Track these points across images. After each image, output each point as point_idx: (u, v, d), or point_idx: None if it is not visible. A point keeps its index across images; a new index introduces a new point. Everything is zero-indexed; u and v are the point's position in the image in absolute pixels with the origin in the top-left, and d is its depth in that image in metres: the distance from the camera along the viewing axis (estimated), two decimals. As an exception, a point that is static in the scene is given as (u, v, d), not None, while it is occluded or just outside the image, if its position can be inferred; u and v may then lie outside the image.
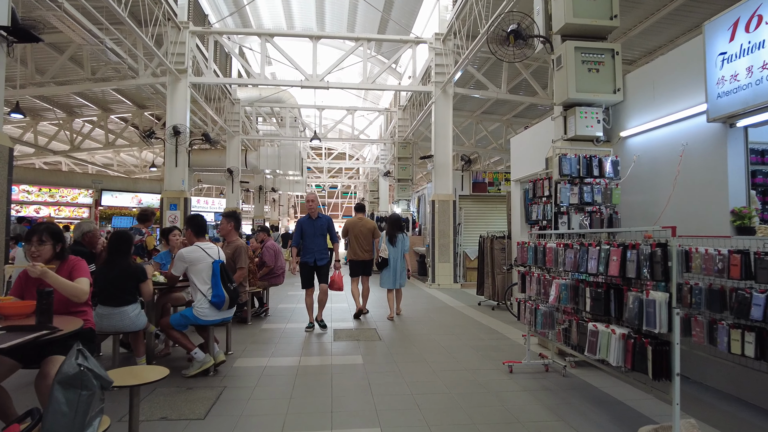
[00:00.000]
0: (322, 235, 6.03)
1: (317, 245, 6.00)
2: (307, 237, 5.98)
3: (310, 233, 5.97)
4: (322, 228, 6.03)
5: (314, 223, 6.01)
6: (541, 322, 3.93)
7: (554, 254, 3.77)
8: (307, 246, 5.98)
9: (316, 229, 5.99)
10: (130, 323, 3.75)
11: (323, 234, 6.03)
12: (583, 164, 4.52)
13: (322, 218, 6.11)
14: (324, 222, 6.08)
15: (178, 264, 4.07)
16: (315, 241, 5.97)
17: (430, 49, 11.83)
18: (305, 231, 6.00)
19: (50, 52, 11.17)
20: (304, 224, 6.03)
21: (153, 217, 6.77)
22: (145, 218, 6.50)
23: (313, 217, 6.04)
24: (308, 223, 6.03)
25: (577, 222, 4.46)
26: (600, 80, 5.12)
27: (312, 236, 5.97)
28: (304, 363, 4.61)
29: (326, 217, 6.17)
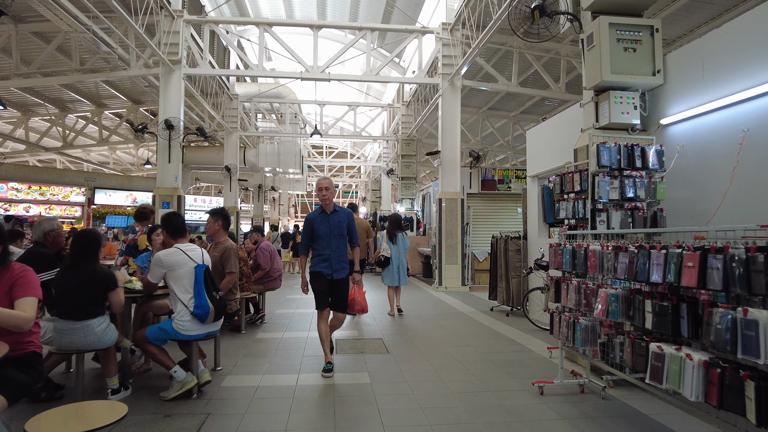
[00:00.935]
0: (341, 236, 4.36)
1: (335, 249, 4.32)
2: (320, 239, 4.32)
3: (323, 233, 4.32)
4: (340, 226, 4.35)
5: (329, 219, 4.34)
6: (581, 338, 3.34)
7: (599, 258, 3.18)
8: (321, 251, 4.32)
9: (333, 227, 4.33)
10: (95, 340, 3.17)
11: (341, 233, 4.37)
12: (624, 154, 3.94)
13: (341, 213, 4.42)
14: (343, 218, 4.39)
15: (155, 269, 3.48)
16: (331, 244, 4.32)
17: (437, 39, 11.23)
18: (317, 230, 4.34)
19: (36, 41, 10.59)
20: (316, 221, 4.35)
21: (152, 215, 6.17)
22: (143, 216, 5.91)
23: (327, 210, 4.38)
24: (321, 220, 4.36)
25: (617, 220, 3.88)
26: (637, 61, 4.53)
27: (327, 237, 4.31)
28: (302, 382, 4.02)
29: (346, 211, 4.47)
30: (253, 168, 19.43)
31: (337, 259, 4.32)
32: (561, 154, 6.37)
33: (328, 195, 4.34)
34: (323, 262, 4.30)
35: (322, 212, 4.41)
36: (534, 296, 6.51)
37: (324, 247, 4.32)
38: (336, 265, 4.30)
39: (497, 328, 6.37)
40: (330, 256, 4.30)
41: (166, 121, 10.18)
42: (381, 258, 7.34)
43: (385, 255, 7.28)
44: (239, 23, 13.68)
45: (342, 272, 4.34)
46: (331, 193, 4.38)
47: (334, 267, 4.29)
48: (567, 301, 3.56)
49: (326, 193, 4.34)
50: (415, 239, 14.73)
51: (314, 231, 4.35)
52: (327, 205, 4.39)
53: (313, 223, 4.37)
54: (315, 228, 4.35)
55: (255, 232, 7.33)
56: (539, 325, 6.34)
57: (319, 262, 4.33)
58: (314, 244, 4.37)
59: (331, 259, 4.29)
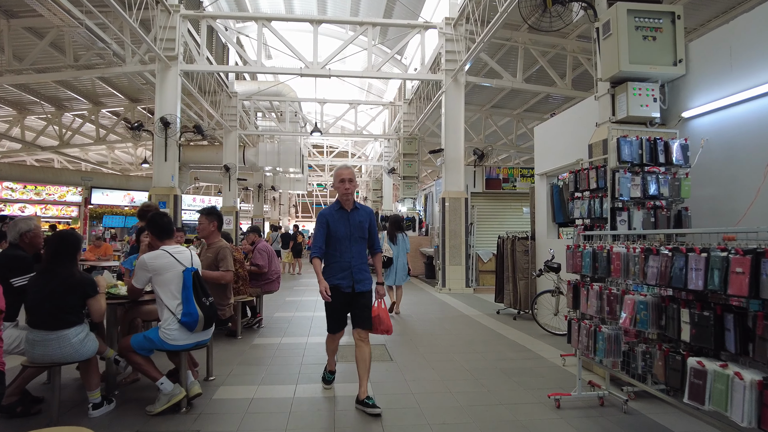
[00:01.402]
0: (362, 239, 3.56)
1: (355, 256, 3.51)
2: (337, 242, 3.49)
3: (342, 235, 3.48)
4: (361, 227, 3.54)
5: (349, 219, 3.52)
6: (603, 348, 3.06)
7: (624, 262, 2.90)
8: (338, 257, 3.49)
9: (353, 228, 3.51)
10: (71, 352, 2.90)
11: (363, 236, 3.57)
12: (646, 149, 3.65)
13: (362, 211, 3.61)
14: (364, 217, 3.59)
15: (140, 273, 3.21)
16: (351, 249, 3.50)
17: (440, 34, 10.95)
18: (334, 231, 3.48)
19: (29, 37, 10.33)
20: (332, 220, 3.50)
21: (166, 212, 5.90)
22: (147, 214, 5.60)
23: (347, 207, 3.55)
24: (339, 218, 3.51)
25: (639, 220, 3.60)
26: (657, 50, 4.25)
27: (346, 240, 3.48)
28: (300, 394, 3.75)
29: (367, 210, 3.67)
30: (252, 167, 19.17)
31: (359, 267, 3.51)
32: (572, 151, 6.09)
33: (351, 188, 3.49)
34: (341, 271, 3.46)
35: (340, 209, 3.54)
36: (543, 299, 6.23)
37: (342, 253, 3.47)
38: (358, 275, 3.48)
39: (505, 333, 6.10)
40: (350, 263, 3.47)
41: (162, 119, 9.92)
42: (384, 259, 7.24)
43: (387, 255, 7.22)
44: (237, 18, 13.42)
45: (365, 283, 3.52)
46: (354, 186, 3.58)
47: (355, 277, 3.47)
48: (587, 307, 3.27)
49: (350, 186, 3.49)
50: (417, 239, 14.46)
51: (330, 232, 3.49)
52: (348, 201, 3.53)
53: (330, 221, 3.49)
54: (332, 228, 3.49)
55: (252, 233, 7.05)
56: (549, 329, 6.06)
57: (336, 272, 3.46)
58: (329, 249, 3.50)
59: (351, 267, 3.47)
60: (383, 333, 3.63)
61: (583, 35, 10.96)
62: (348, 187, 3.50)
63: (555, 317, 6.04)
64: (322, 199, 41.89)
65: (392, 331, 3.71)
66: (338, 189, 3.55)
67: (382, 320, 3.62)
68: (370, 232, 3.63)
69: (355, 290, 3.48)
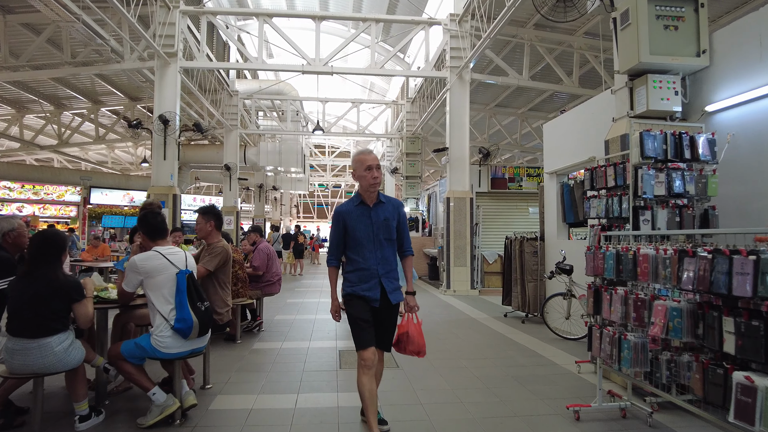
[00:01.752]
0: (389, 240, 2.91)
1: (382, 261, 2.87)
2: (358, 244, 2.86)
3: (363, 235, 2.86)
4: (387, 225, 2.89)
5: (372, 215, 2.88)
6: (629, 357, 2.83)
7: (652, 264, 2.68)
8: (361, 263, 2.85)
9: (377, 228, 2.87)
10: (54, 361, 2.68)
11: (390, 237, 2.91)
12: (671, 143, 3.42)
13: (388, 205, 2.95)
14: (391, 213, 2.93)
15: (130, 276, 2.99)
16: (377, 253, 2.86)
17: (445, 31, 10.73)
18: (354, 231, 2.87)
19: (26, 33, 10.13)
20: (350, 218, 2.88)
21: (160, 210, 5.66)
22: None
23: (369, 201, 2.90)
24: (359, 216, 2.89)
25: (663, 219, 3.37)
26: (679, 40, 4.03)
27: (369, 241, 2.86)
28: (302, 404, 3.53)
29: (394, 202, 3.01)
30: (253, 167, 18.98)
31: (388, 274, 2.86)
32: (584, 149, 5.87)
33: (380, 177, 2.85)
34: (366, 280, 2.82)
35: (360, 204, 2.89)
36: (555, 302, 6.00)
37: (367, 258, 2.83)
38: (389, 284, 2.85)
39: (515, 337, 5.87)
40: (375, 271, 2.82)
41: (160, 116, 9.72)
42: None
43: None
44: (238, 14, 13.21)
45: (398, 294, 2.91)
46: (381, 176, 2.89)
47: (387, 286, 2.84)
48: (610, 313, 3.05)
49: (378, 174, 2.84)
50: (420, 240, 14.24)
51: (349, 232, 2.86)
52: (372, 194, 2.87)
53: (347, 220, 2.86)
54: (351, 228, 2.85)
55: (253, 233, 6.83)
56: (560, 333, 5.83)
57: (360, 281, 2.83)
58: (350, 252, 2.89)
59: (379, 275, 2.82)
60: (413, 354, 2.92)
61: (591, 32, 10.74)
62: (377, 175, 2.82)
63: (566, 321, 5.82)
64: (323, 200, 41.69)
65: (425, 352, 2.97)
66: (363, 179, 2.84)
67: (411, 339, 2.87)
68: (399, 231, 2.95)
69: (390, 301, 2.85)
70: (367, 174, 2.85)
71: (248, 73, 17.93)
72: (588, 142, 5.79)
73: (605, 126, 4.97)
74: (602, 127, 5.17)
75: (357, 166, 2.90)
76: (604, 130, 5.03)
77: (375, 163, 2.87)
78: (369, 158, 2.89)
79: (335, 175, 32.74)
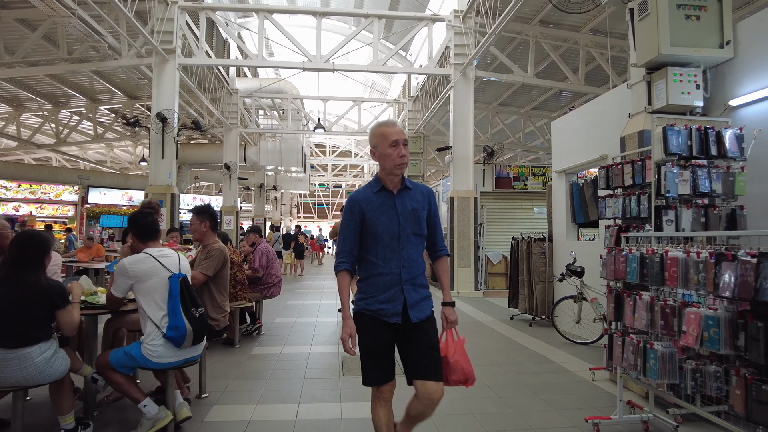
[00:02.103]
0: (417, 235, 2.27)
1: (408, 263, 2.23)
2: (377, 242, 2.23)
3: (385, 231, 2.22)
4: (415, 217, 2.26)
5: (397, 204, 2.25)
6: (656, 368, 2.63)
7: (682, 268, 2.48)
8: (379, 267, 2.22)
9: (404, 220, 2.23)
10: (34, 373, 2.48)
11: (419, 232, 2.27)
12: (696, 139, 3.22)
13: (415, 192, 2.31)
14: (421, 201, 2.30)
15: (119, 280, 2.79)
16: (401, 254, 2.22)
17: (449, 27, 10.53)
18: (372, 226, 2.23)
19: (21, 29, 9.94)
20: (369, 208, 2.24)
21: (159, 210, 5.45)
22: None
23: (392, 186, 2.26)
24: (380, 205, 2.25)
25: (688, 219, 3.17)
26: (701, 31, 3.83)
27: (392, 239, 2.22)
28: (303, 415, 3.32)
29: (424, 190, 2.36)
30: (253, 166, 18.78)
31: (413, 281, 2.20)
32: (594, 146, 5.68)
33: (408, 156, 2.20)
34: (386, 289, 2.16)
35: (381, 190, 2.24)
36: (565, 306, 5.79)
37: (387, 260, 2.18)
38: (413, 294, 2.19)
39: (523, 342, 5.66)
40: (399, 276, 2.17)
41: (158, 114, 9.52)
42: None
43: None
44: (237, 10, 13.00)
45: (424, 306, 2.22)
46: (408, 155, 2.22)
47: (409, 298, 2.17)
48: (633, 320, 2.84)
49: (405, 152, 2.19)
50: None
51: (367, 227, 2.20)
52: (396, 178, 2.22)
53: (365, 210, 2.20)
54: (369, 221, 2.19)
55: (252, 233, 6.62)
56: (570, 338, 5.62)
57: (378, 291, 2.17)
58: (365, 254, 2.23)
59: (401, 282, 2.17)
60: (459, 384, 2.25)
61: (597, 29, 10.55)
62: (404, 153, 2.17)
63: (577, 325, 5.61)
64: (324, 200, 41.49)
65: (475, 380, 2.30)
66: (387, 158, 2.17)
67: (455, 365, 2.21)
68: (431, 225, 2.32)
69: (411, 319, 2.16)
70: (392, 151, 2.16)
71: (248, 71, 17.73)
72: (599, 140, 5.60)
73: (618, 122, 4.79)
74: (615, 123, 4.98)
75: (379, 141, 2.21)
76: (616, 126, 4.84)
77: (402, 138, 2.18)
78: (394, 131, 2.19)
79: (336, 175, 32.53)
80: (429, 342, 2.19)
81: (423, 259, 2.31)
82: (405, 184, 2.28)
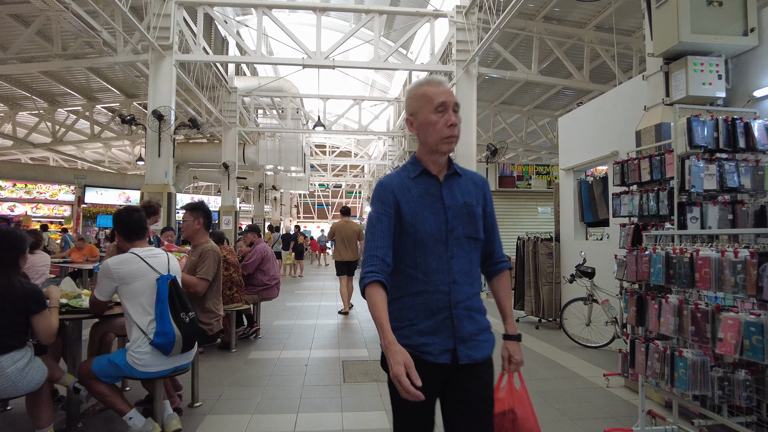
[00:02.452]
0: (472, 239, 1.56)
1: (459, 278, 1.52)
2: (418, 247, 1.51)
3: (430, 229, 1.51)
4: (469, 213, 1.55)
5: (444, 193, 1.56)
6: (686, 378, 2.41)
7: (715, 269, 2.27)
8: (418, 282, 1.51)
9: (456, 217, 1.53)
10: (6, 385, 2.26)
11: (474, 234, 1.56)
12: (723, 131, 3.01)
13: (466, 179, 1.62)
14: (474, 193, 1.61)
15: (103, 282, 2.57)
16: (451, 264, 1.51)
17: (451, 23, 10.31)
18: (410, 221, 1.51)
19: (14, 24, 9.73)
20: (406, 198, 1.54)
21: (159, 210, 5.23)
22: (147, 212, 4.94)
23: (437, 170, 1.58)
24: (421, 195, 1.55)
25: (714, 217, 2.95)
26: (724, 18, 3.63)
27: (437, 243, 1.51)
28: (302, 426, 3.11)
29: (476, 179, 1.65)
30: (253, 166, 18.58)
31: (466, 303, 1.54)
32: (605, 142, 5.48)
33: (459, 127, 1.56)
34: (431, 314, 1.51)
35: (422, 175, 1.59)
36: (574, 308, 5.58)
37: (432, 272, 1.52)
38: (466, 323, 1.53)
39: (531, 345, 5.45)
40: (448, 296, 1.52)
41: (154, 112, 9.29)
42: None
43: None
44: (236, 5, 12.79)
45: (482, 342, 1.57)
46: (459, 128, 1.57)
47: (461, 328, 1.52)
48: (659, 325, 2.63)
49: (456, 120, 1.54)
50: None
51: (405, 225, 1.53)
52: (441, 157, 1.57)
53: (401, 202, 1.54)
54: (407, 216, 1.53)
55: (251, 233, 6.42)
56: (579, 341, 5.41)
57: (419, 318, 1.51)
58: (399, 263, 1.54)
59: (451, 304, 1.51)
60: None
61: (601, 25, 10.37)
62: (455, 122, 1.52)
63: (587, 328, 5.40)
64: (324, 200, 41.28)
65: None
66: (430, 129, 1.52)
67: (520, 423, 1.59)
68: (487, 227, 1.65)
69: (459, 359, 1.49)
70: (437, 119, 1.49)
71: (247, 70, 17.53)
72: (609, 136, 5.40)
73: (629, 117, 4.60)
74: (627, 118, 4.79)
75: (419, 105, 1.54)
76: (628, 121, 4.65)
77: (451, 100, 1.51)
78: (440, 90, 1.52)
79: (336, 175, 32.30)
80: (482, 393, 1.51)
81: (479, 272, 1.64)
82: (453, 168, 1.59)
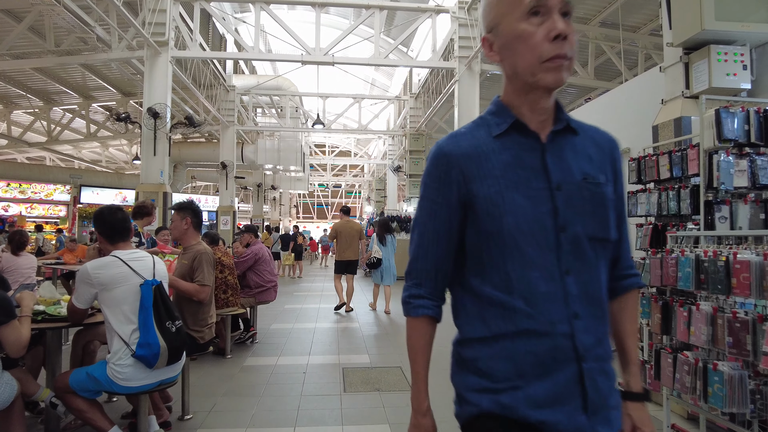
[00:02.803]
0: (600, 242, 0.93)
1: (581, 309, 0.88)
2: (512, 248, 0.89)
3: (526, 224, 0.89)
4: (594, 196, 0.92)
5: (549, 163, 0.92)
6: (723, 395, 2.19)
7: (756, 274, 2.05)
8: (517, 307, 0.89)
9: (571, 202, 0.90)
10: (-31, 403, 2.05)
11: (603, 235, 0.93)
12: (755, 123, 2.79)
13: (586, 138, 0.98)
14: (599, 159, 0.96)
15: (82, 288, 2.35)
16: (566, 282, 0.89)
17: (453, 19, 10.11)
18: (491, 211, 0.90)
19: (6, 20, 9.50)
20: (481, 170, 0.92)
21: (153, 211, 5.01)
22: (141, 213, 4.76)
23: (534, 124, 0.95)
24: (509, 162, 0.92)
25: (745, 217, 2.73)
26: (749, 3, 3.43)
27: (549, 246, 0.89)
28: (299, 442, 2.89)
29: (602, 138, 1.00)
30: (251, 165, 18.36)
31: (598, 352, 0.91)
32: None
33: (573, 42, 0.88)
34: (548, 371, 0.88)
35: (512, 129, 0.96)
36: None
37: (538, 296, 0.89)
38: (599, 381, 0.90)
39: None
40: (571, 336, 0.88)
41: (149, 109, 9.08)
42: (373, 260, 7.44)
43: (377, 257, 7.45)
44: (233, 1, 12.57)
45: (615, 413, 0.93)
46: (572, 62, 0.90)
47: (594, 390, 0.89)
48: (688, 335, 2.41)
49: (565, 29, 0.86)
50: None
51: (480, 217, 0.92)
52: (543, 98, 0.94)
53: (472, 179, 0.94)
54: (485, 202, 0.92)
55: (247, 233, 6.19)
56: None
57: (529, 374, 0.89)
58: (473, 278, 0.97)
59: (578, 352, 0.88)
60: None
61: (606, 21, 10.16)
62: (563, 30, 0.87)
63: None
64: (323, 200, 41.05)
65: None
66: (522, 47, 0.90)
67: None
68: (618, 217, 1.01)
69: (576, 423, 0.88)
70: (533, 29, 0.89)
71: (246, 68, 17.32)
72: (621, 132, 5.12)
73: (644, 112, 4.38)
74: (640, 113, 4.57)
75: (503, 9, 0.93)
76: (640, 117, 4.44)
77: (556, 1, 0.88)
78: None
79: (335, 175, 32.10)
80: None
81: (607, 297, 0.99)
82: (565, 119, 0.99)
